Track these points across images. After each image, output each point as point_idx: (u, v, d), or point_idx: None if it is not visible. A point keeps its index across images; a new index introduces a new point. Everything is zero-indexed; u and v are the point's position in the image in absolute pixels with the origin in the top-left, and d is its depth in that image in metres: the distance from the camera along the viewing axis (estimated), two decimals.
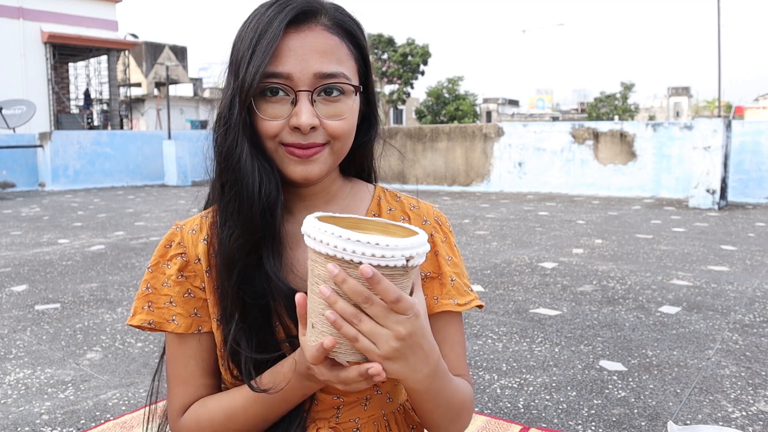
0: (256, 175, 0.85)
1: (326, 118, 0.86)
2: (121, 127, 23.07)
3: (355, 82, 0.89)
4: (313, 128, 0.85)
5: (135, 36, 22.14)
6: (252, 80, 0.83)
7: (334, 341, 0.70)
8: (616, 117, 43.96)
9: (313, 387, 0.85)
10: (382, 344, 0.70)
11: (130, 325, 0.94)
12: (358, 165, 1.02)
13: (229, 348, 0.88)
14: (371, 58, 0.96)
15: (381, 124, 1.01)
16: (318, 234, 0.69)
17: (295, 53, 0.84)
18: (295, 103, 0.85)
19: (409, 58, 36.41)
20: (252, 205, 0.85)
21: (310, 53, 0.84)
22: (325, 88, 0.85)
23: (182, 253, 0.94)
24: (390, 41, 36.21)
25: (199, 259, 0.93)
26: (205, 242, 0.93)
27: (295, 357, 0.83)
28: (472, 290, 0.99)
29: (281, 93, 0.85)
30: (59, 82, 22.02)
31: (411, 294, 0.73)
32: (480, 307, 0.99)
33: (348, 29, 0.89)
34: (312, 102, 0.85)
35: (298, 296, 0.75)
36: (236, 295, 0.87)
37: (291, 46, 0.84)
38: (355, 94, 0.89)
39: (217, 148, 0.89)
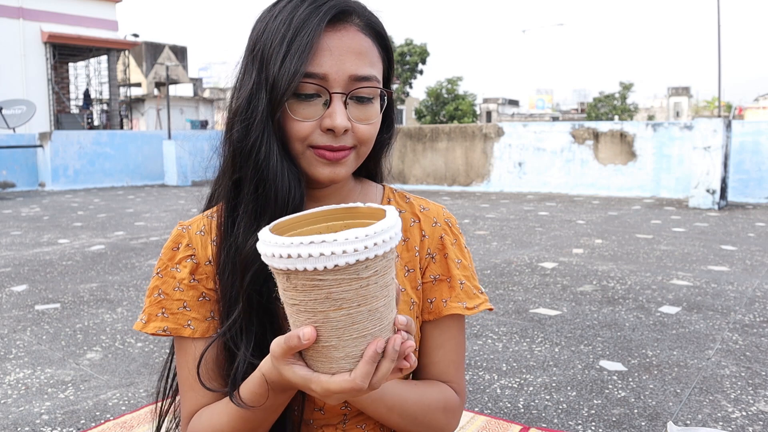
0: (286, 177, 0.83)
1: (357, 122, 0.84)
2: (121, 127, 23.07)
3: (382, 85, 0.88)
4: (345, 131, 0.83)
5: (135, 36, 22.14)
6: (290, 80, 0.79)
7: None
8: (616, 117, 43.96)
9: (285, 400, 0.82)
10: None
11: (144, 332, 0.91)
12: (370, 166, 1.00)
13: (226, 350, 0.86)
14: None
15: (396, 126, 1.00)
16: (270, 249, 0.63)
17: (331, 53, 0.82)
18: (327, 104, 0.82)
19: (408, 57, 36.40)
20: (277, 209, 0.82)
21: (346, 54, 0.82)
22: (359, 93, 0.84)
23: (192, 255, 0.92)
24: None
25: (210, 261, 0.91)
26: (215, 244, 0.91)
27: (263, 372, 0.78)
28: (482, 293, 0.98)
29: (315, 94, 0.82)
30: (59, 82, 22.02)
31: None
32: (490, 309, 0.98)
33: (378, 31, 0.87)
34: (345, 104, 0.83)
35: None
36: (247, 297, 0.84)
37: (328, 45, 0.82)
38: (382, 99, 0.88)
39: (233, 143, 0.85)
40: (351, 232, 0.61)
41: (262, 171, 0.82)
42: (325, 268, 0.61)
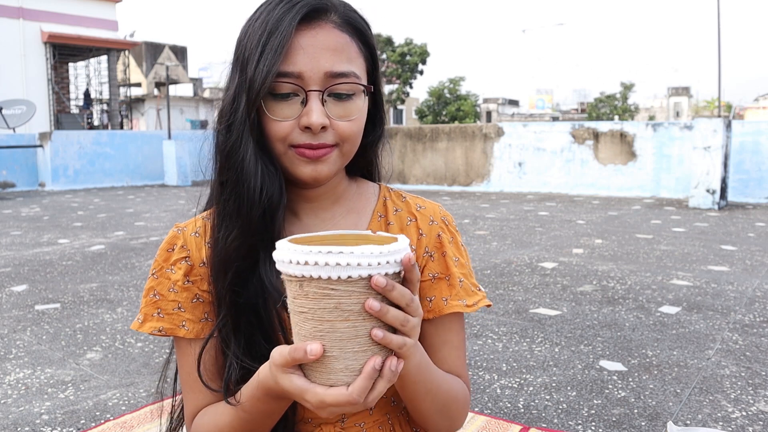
0: (258, 177, 0.83)
1: (336, 119, 0.84)
2: (121, 127, 23.07)
3: (365, 81, 0.87)
4: (324, 128, 0.83)
5: (131, 35, 22.15)
6: (264, 80, 0.80)
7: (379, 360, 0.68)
8: (616, 117, 43.96)
9: (281, 406, 0.82)
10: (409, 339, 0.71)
11: (141, 332, 0.92)
12: (363, 165, 1.00)
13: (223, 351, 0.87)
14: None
15: (385, 124, 1.00)
16: (294, 255, 0.65)
17: (305, 52, 0.82)
18: (305, 102, 0.83)
19: (408, 57, 36.39)
20: (252, 207, 0.83)
21: (321, 52, 0.82)
22: (336, 90, 0.84)
23: (186, 257, 0.93)
24: (388, 41, 36.17)
25: (204, 263, 0.92)
26: (209, 245, 0.91)
27: (259, 378, 0.78)
28: (480, 289, 0.98)
29: (291, 93, 0.83)
30: (59, 82, 22.02)
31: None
32: (488, 306, 0.98)
33: (358, 27, 0.87)
34: (323, 102, 0.83)
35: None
36: (229, 297, 0.85)
37: (302, 44, 0.82)
38: (365, 95, 0.87)
39: (218, 146, 0.87)
40: (367, 248, 0.65)
41: (237, 170, 0.84)
42: (339, 278, 0.64)
